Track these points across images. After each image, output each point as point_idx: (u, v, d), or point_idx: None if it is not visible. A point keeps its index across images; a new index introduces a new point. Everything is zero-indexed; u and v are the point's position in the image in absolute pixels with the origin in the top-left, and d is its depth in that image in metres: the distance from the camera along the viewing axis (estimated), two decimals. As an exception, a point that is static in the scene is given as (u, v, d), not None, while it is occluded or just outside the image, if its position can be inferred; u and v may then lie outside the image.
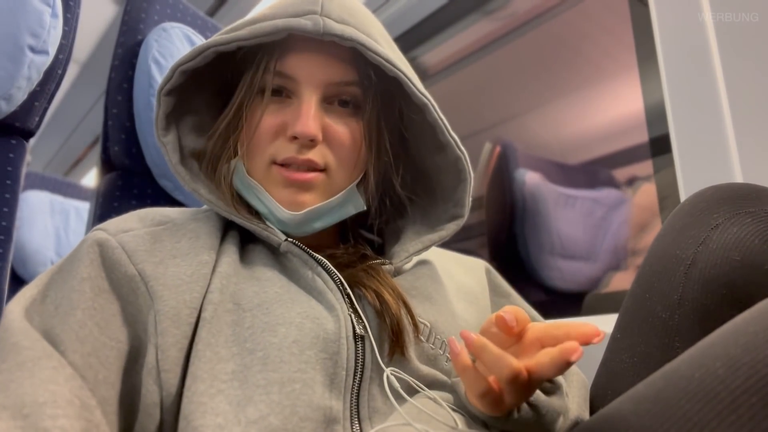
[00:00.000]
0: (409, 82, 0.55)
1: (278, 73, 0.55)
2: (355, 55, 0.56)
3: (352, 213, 0.61)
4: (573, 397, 0.58)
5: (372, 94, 0.58)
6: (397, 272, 0.61)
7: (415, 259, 0.63)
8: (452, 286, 0.65)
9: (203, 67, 0.57)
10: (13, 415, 0.37)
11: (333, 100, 0.57)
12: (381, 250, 0.65)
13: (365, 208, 0.61)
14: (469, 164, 0.61)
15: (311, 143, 0.55)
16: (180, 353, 0.47)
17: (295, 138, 0.54)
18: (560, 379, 0.51)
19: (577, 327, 0.39)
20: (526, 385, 0.40)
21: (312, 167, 0.55)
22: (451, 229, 0.62)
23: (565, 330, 0.40)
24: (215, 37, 0.54)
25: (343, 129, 0.57)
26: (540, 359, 0.39)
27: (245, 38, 0.53)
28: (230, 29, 0.55)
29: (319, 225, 0.58)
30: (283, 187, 0.56)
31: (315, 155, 0.55)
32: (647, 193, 1.16)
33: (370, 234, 0.68)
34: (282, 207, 0.55)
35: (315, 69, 0.55)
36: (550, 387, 0.50)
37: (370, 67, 0.57)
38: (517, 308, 0.44)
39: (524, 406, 0.48)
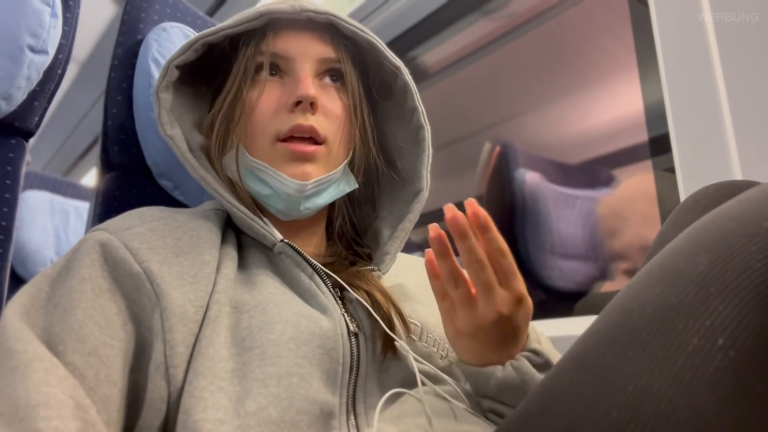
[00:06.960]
0: (381, 47, 0.60)
1: (271, 53, 0.59)
2: (331, 35, 0.62)
3: (347, 191, 0.64)
4: None
5: (351, 69, 0.62)
6: (384, 275, 0.63)
7: (401, 258, 0.65)
8: None
9: (195, 69, 0.61)
10: (9, 421, 0.37)
11: (323, 75, 0.62)
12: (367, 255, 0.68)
13: (357, 185, 0.65)
14: (430, 136, 0.65)
15: (312, 108, 0.58)
16: (187, 350, 0.48)
17: (297, 104, 0.57)
18: (553, 359, 0.53)
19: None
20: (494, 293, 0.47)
21: (315, 137, 0.58)
22: (416, 208, 0.65)
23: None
24: (203, 32, 0.60)
25: (334, 103, 0.61)
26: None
27: (230, 27, 0.59)
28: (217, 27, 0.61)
29: (320, 201, 0.61)
30: (288, 161, 0.58)
31: (317, 122, 0.58)
32: (628, 186, 1.17)
33: (356, 237, 0.70)
34: (289, 178, 0.57)
35: (304, 46, 0.60)
36: (539, 362, 0.52)
37: (346, 42, 0.62)
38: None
39: (509, 368, 0.50)
